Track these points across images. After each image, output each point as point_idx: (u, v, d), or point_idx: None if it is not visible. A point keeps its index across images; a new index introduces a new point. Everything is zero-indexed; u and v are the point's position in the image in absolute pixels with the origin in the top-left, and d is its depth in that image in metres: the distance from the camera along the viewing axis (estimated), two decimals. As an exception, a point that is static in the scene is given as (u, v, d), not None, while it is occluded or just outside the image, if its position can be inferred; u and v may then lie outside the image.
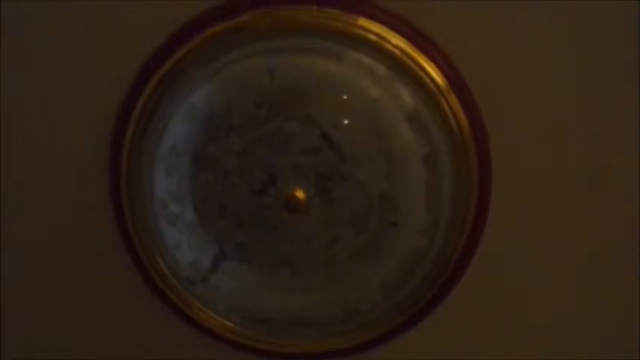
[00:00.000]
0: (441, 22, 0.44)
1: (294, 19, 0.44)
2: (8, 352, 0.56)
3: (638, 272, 0.50)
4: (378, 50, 0.44)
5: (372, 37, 0.44)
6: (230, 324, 0.49)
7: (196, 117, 0.45)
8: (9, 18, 0.46)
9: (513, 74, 0.45)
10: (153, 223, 0.47)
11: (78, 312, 0.51)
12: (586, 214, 0.49)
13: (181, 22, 0.45)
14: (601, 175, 0.48)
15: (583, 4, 0.45)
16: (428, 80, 0.45)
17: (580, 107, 0.47)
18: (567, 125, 0.47)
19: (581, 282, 0.51)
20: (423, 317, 0.49)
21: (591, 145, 0.48)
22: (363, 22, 0.44)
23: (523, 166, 0.47)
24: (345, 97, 0.44)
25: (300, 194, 0.44)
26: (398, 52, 0.44)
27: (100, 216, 0.49)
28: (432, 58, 0.45)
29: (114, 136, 0.47)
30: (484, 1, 0.44)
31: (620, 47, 0.46)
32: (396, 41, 0.44)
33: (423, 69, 0.45)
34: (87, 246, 0.50)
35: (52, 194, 0.49)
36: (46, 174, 0.49)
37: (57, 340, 0.53)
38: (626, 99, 0.47)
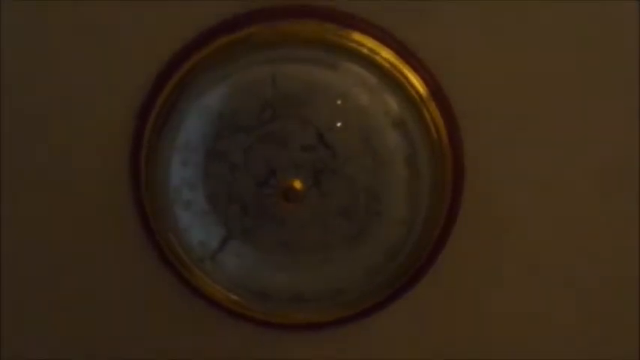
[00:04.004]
0: (425, 39, 0.45)
1: (295, 32, 0.45)
2: (21, 329, 0.54)
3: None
4: (369, 62, 0.45)
5: (365, 50, 0.45)
6: (234, 297, 0.50)
7: (208, 116, 0.46)
8: (35, 17, 0.46)
9: (488, 86, 0.46)
10: (168, 208, 0.48)
11: (96, 286, 0.52)
12: (547, 212, 0.48)
13: (196, 32, 0.46)
14: (561, 179, 0.48)
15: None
16: (412, 90, 0.46)
17: (551, 114, 0.46)
18: (532, 134, 0.47)
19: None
20: (402, 295, 0.50)
21: (559, 147, 0.47)
22: (357, 36, 0.45)
23: (492, 167, 0.47)
24: (338, 102, 0.45)
25: (297, 185, 0.45)
26: (387, 65, 0.45)
27: (121, 202, 0.50)
28: (416, 71, 0.46)
29: (135, 131, 0.48)
30: (464, 22, 0.44)
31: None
32: (386, 54, 0.45)
33: (408, 80, 0.45)
34: (108, 228, 0.50)
35: (77, 182, 0.50)
36: (72, 164, 0.49)
37: (74, 312, 0.53)
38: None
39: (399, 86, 0.45)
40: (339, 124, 0.45)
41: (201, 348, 0.53)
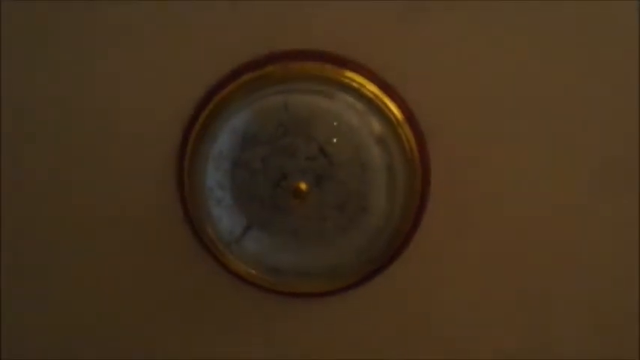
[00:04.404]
0: (401, 77, 0.49)
1: (302, 70, 0.49)
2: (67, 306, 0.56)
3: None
4: (358, 93, 0.49)
5: (355, 84, 0.49)
6: (253, 272, 0.53)
7: (235, 134, 0.49)
8: (104, 39, 0.49)
9: (451, 115, 0.50)
10: (204, 203, 0.51)
11: (146, 267, 0.55)
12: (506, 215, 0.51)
13: (228, 69, 0.50)
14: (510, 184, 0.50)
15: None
16: (391, 115, 0.50)
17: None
18: (491, 145, 0.50)
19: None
20: (382, 271, 0.53)
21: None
22: (349, 73, 0.49)
23: (451, 174, 0.51)
24: (335, 123, 0.48)
25: (303, 186, 0.49)
26: (372, 95, 0.49)
27: (169, 199, 0.53)
28: (394, 101, 0.50)
29: (181, 144, 0.52)
30: (433, 64, 0.48)
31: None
32: (371, 88, 0.49)
33: (388, 107, 0.50)
34: (158, 223, 0.54)
35: (134, 184, 0.53)
36: (130, 169, 0.53)
37: (125, 287, 0.56)
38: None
39: (381, 112, 0.49)
40: (335, 140, 0.48)
41: (229, 310, 0.55)
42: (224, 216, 0.51)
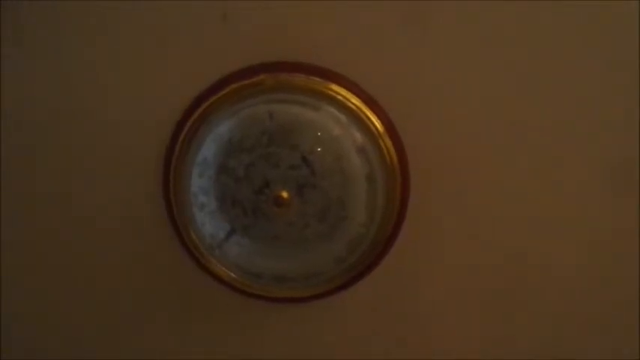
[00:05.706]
0: (383, 91, 0.50)
1: (289, 82, 0.50)
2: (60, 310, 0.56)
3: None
4: (342, 105, 0.50)
5: (339, 97, 0.50)
6: (235, 276, 0.54)
7: (220, 141, 0.50)
8: (83, 49, 0.49)
9: (430, 127, 0.51)
10: (188, 208, 0.52)
11: (131, 268, 0.56)
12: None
13: (215, 78, 0.51)
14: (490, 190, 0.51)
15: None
16: (372, 127, 0.51)
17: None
18: (460, 155, 0.51)
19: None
20: (361, 278, 0.54)
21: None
22: (334, 87, 0.50)
23: (430, 183, 0.52)
24: (319, 134, 0.49)
25: (285, 194, 0.49)
26: (355, 108, 0.50)
27: (155, 204, 0.53)
28: (375, 113, 0.51)
29: (167, 150, 0.53)
30: (414, 79, 0.49)
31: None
32: (354, 100, 0.50)
33: (370, 119, 0.51)
34: (144, 225, 0.54)
35: (119, 189, 0.54)
36: (117, 175, 0.54)
37: (112, 288, 0.56)
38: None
39: (362, 123, 0.50)
40: (318, 150, 0.49)
41: (210, 314, 0.56)
42: (207, 221, 0.52)
